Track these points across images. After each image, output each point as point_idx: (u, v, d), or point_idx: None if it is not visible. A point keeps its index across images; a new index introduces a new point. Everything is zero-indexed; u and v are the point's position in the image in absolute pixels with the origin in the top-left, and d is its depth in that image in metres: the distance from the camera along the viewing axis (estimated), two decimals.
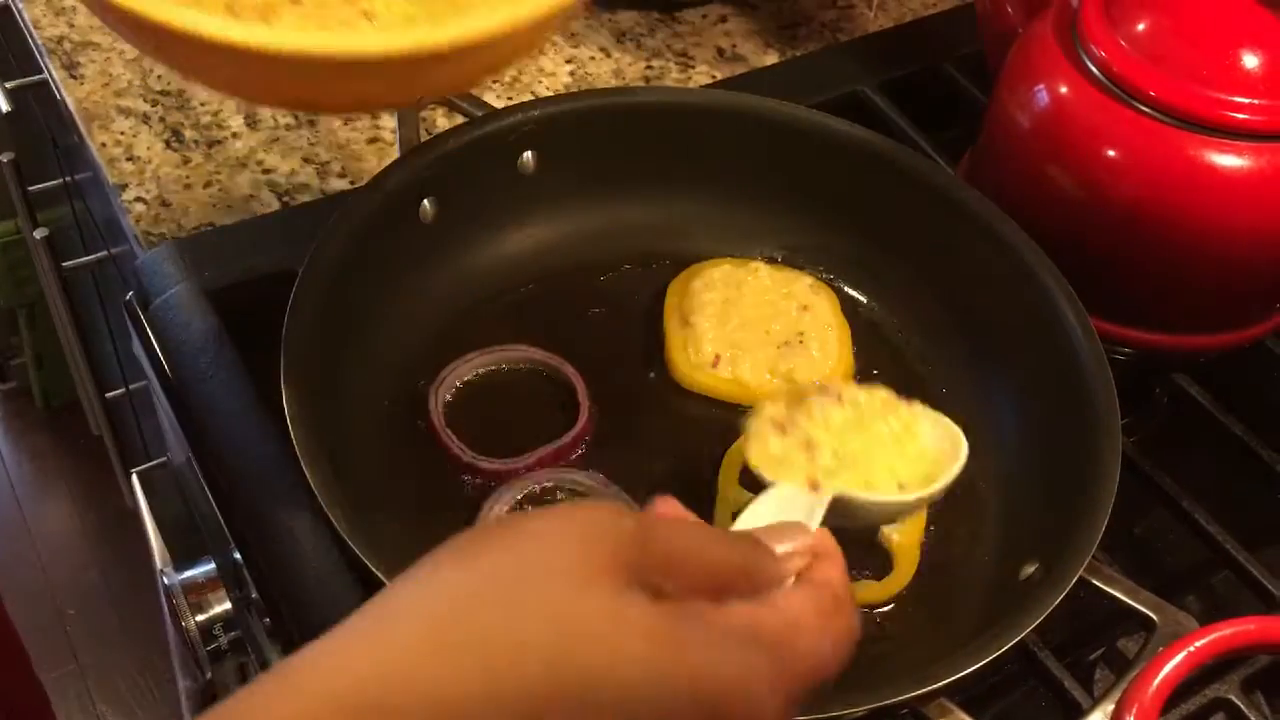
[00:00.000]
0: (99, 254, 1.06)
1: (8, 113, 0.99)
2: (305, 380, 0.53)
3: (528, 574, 0.33)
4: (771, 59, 0.85)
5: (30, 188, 1.15)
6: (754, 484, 0.47)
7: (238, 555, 0.59)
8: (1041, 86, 0.63)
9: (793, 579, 0.38)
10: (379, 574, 0.47)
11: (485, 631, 0.31)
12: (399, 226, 0.62)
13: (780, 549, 0.39)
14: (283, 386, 0.52)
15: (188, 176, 0.73)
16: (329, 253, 0.58)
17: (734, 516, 0.45)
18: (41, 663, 1.01)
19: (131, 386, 1.23)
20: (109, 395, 1.29)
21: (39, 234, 1.10)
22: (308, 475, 0.50)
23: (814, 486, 0.46)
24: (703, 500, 0.58)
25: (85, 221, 1.10)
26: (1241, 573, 0.58)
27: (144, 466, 0.78)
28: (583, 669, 0.31)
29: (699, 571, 0.35)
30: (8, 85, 0.98)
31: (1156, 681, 0.44)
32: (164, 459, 0.84)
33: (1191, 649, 0.45)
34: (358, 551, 0.48)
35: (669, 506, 0.40)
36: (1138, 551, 0.64)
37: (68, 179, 1.10)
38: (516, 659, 0.31)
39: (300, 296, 0.55)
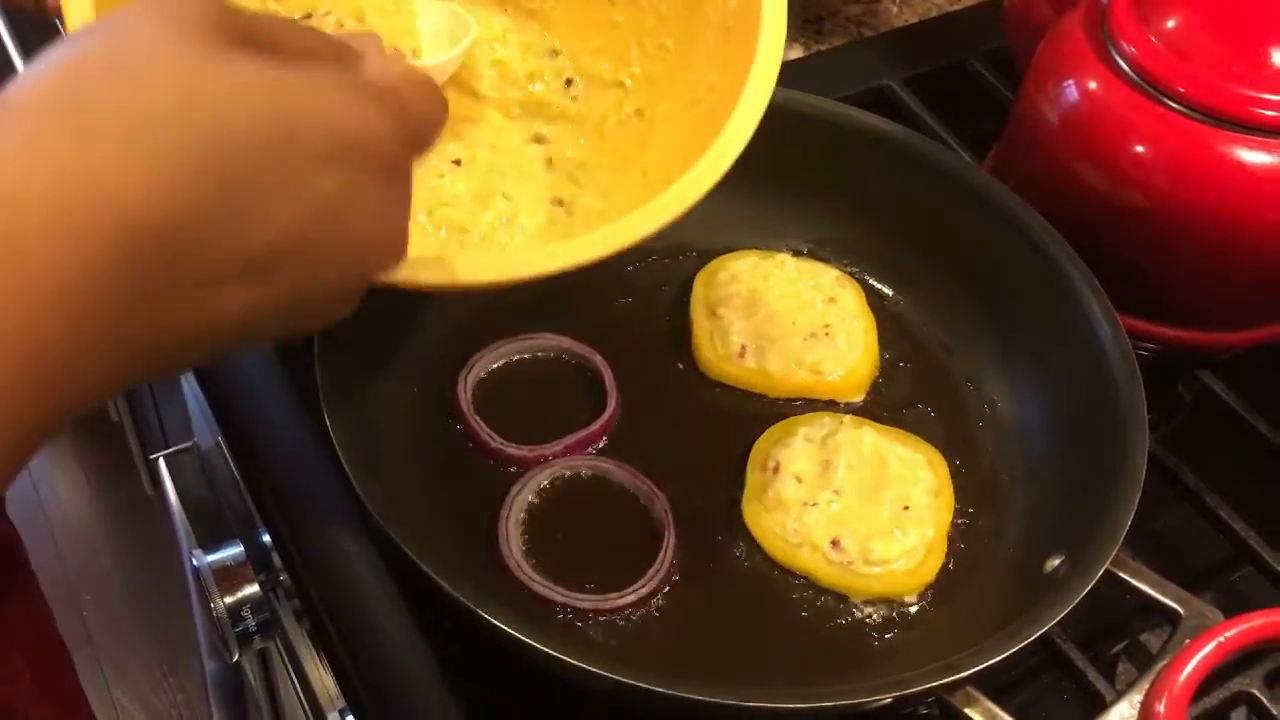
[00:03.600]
0: None
1: None
2: (338, 366, 0.54)
3: (138, 50, 0.32)
4: (796, 53, 0.85)
5: None
6: None
7: (266, 538, 0.60)
8: (1070, 82, 0.63)
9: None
10: (411, 556, 0.48)
11: (117, 104, 0.31)
12: None
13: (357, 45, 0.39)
14: (317, 370, 0.53)
15: None
16: None
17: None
18: None
19: None
20: None
21: None
22: (341, 458, 0.50)
23: None
24: (729, 489, 0.59)
25: None
26: (1264, 568, 0.58)
27: (169, 451, 0.79)
28: (218, 123, 0.32)
29: (288, 40, 0.36)
30: None
31: (1187, 671, 0.45)
32: (188, 444, 0.85)
33: (1221, 639, 0.45)
34: (390, 533, 0.48)
35: None
36: (1159, 547, 0.64)
37: None
38: (151, 125, 0.31)
39: None
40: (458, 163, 0.50)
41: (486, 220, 0.50)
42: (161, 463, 0.77)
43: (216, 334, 0.34)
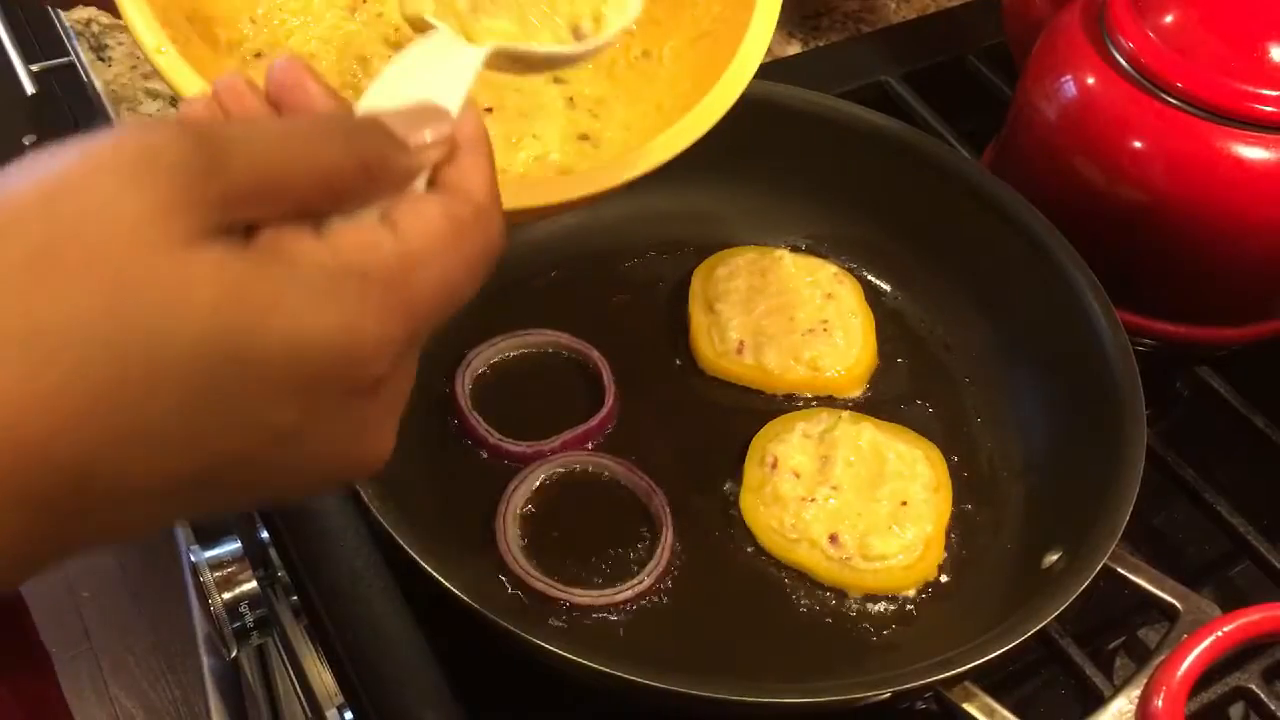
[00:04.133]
0: None
1: (32, 95, 1.00)
2: None
3: (72, 238, 0.26)
4: (795, 49, 0.85)
5: None
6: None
7: (265, 534, 0.60)
8: (1068, 77, 0.63)
9: (424, 178, 0.32)
10: (409, 551, 0.48)
11: (28, 317, 0.26)
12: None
13: (412, 139, 0.32)
14: None
15: None
16: None
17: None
18: (55, 644, 1.02)
19: None
20: None
21: None
22: None
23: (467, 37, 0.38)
24: (727, 485, 0.59)
25: None
26: (1262, 563, 0.58)
27: None
28: (146, 342, 0.26)
29: (298, 186, 0.29)
30: (33, 68, 0.99)
31: (1185, 666, 0.45)
32: None
33: (1220, 633, 0.45)
34: (388, 529, 0.48)
35: (286, 72, 0.32)
36: (1157, 542, 0.64)
37: None
38: (65, 345, 0.26)
39: None
40: (489, 109, 0.51)
41: (520, 160, 0.52)
42: None
43: (150, 528, 0.29)
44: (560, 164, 0.52)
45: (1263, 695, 0.51)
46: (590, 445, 0.59)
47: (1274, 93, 0.58)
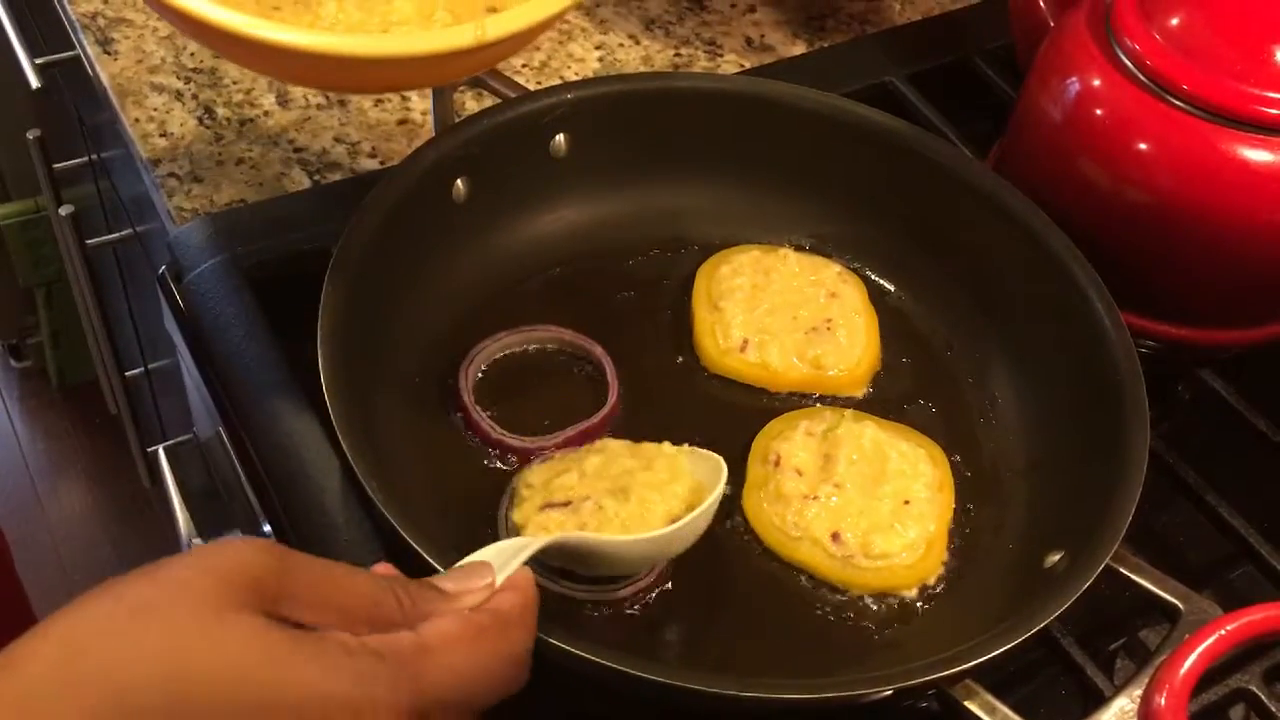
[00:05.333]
0: (123, 232, 1.07)
1: (36, 89, 1.00)
2: (340, 356, 0.54)
3: (158, 603, 0.34)
4: (800, 49, 0.86)
5: (55, 165, 1.16)
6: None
7: (268, 528, 0.60)
8: (1074, 79, 0.63)
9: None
10: (413, 544, 0.48)
11: (106, 665, 0.32)
12: (432, 206, 0.62)
13: (453, 587, 0.41)
14: (319, 361, 0.53)
15: (220, 153, 0.74)
16: (364, 230, 0.58)
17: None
18: None
19: (151, 366, 1.24)
20: (128, 374, 1.29)
21: (64, 211, 1.11)
22: (344, 446, 0.50)
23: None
24: (730, 483, 0.59)
25: (110, 200, 1.10)
26: (1264, 566, 0.58)
27: (168, 443, 0.78)
28: (196, 690, 0.32)
29: (343, 603, 0.37)
30: (38, 62, 0.99)
31: (1187, 665, 0.45)
32: (187, 436, 0.85)
33: (1222, 632, 0.45)
34: (393, 521, 0.48)
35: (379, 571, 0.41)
36: (1159, 544, 0.64)
37: (93, 157, 1.11)
38: (131, 690, 0.32)
39: (336, 272, 0.56)
40: None
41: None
42: (161, 454, 0.77)
43: None
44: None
45: (1263, 696, 0.51)
46: (593, 441, 0.59)
47: (1278, 95, 0.58)
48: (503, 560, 0.43)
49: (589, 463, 0.55)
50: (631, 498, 0.52)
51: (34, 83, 0.99)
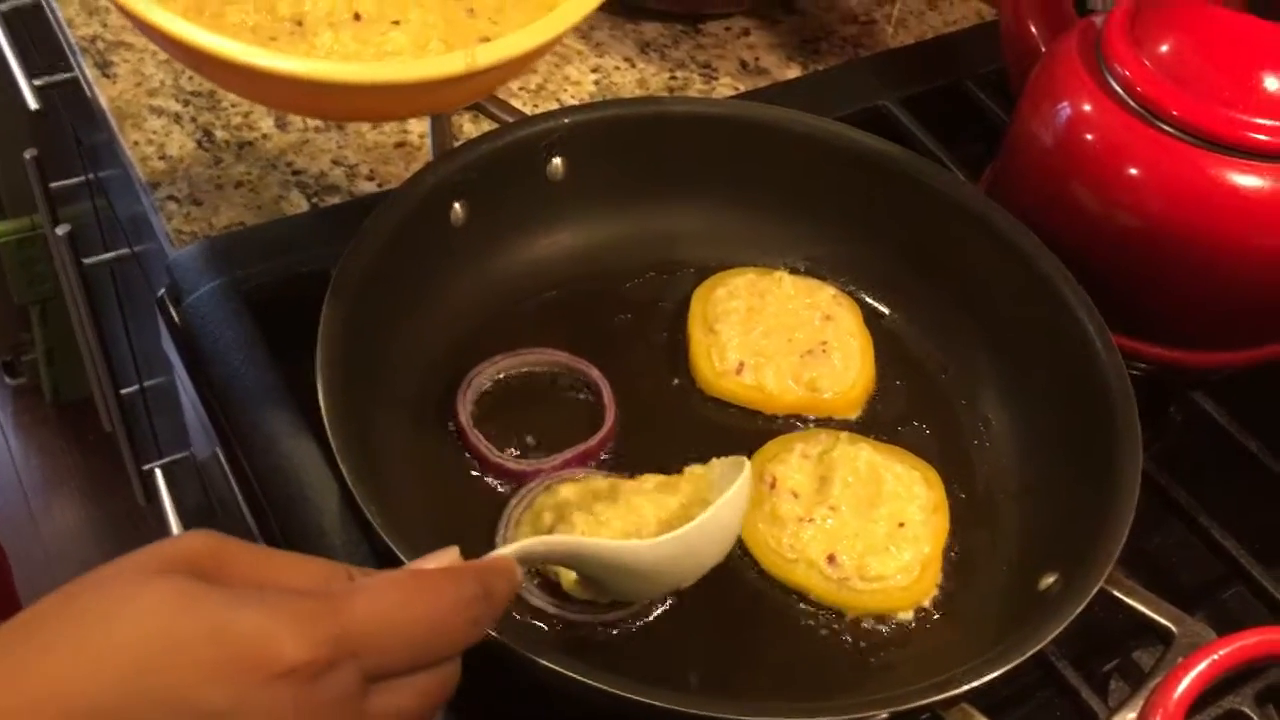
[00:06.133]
0: (120, 251, 1.07)
1: (35, 110, 1.00)
2: (338, 379, 0.54)
3: (97, 580, 0.35)
4: (794, 72, 0.86)
5: (52, 184, 1.16)
6: None
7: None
8: (1065, 104, 0.64)
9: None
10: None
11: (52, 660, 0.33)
12: (430, 229, 0.63)
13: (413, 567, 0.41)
14: (318, 383, 0.53)
15: (219, 176, 0.74)
16: (363, 253, 0.59)
17: None
18: None
19: (146, 384, 1.24)
20: (123, 392, 1.29)
21: (61, 230, 1.11)
22: (342, 468, 0.51)
23: None
24: None
25: (107, 219, 1.11)
26: (1256, 587, 0.59)
27: (164, 461, 0.79)
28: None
29: (277, 583, 0.37)
30: (36, 83, 0.99)
31: (1181, 688, 0.45)
32: (183, 454, 0.85)
33: (1216, 657, 0.46)
34: (391, 544, 0.48)
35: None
36: (1151, 565, 0.65)
37: (90, 176, 1.11)
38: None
39: (335, 295, 0.56)
40: (396, 22, 0.56)
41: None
42: (157, 473, 0.77)
43: None
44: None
45: (1256, 718, 0.52)
46: (591, 464, 0.60)
47: (1268, 121, 0.59)
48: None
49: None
50: (619, 501, 0.53)
51: (32, 104, 1.00)
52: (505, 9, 0.58)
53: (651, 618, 0.55)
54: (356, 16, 0.55)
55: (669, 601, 0.55)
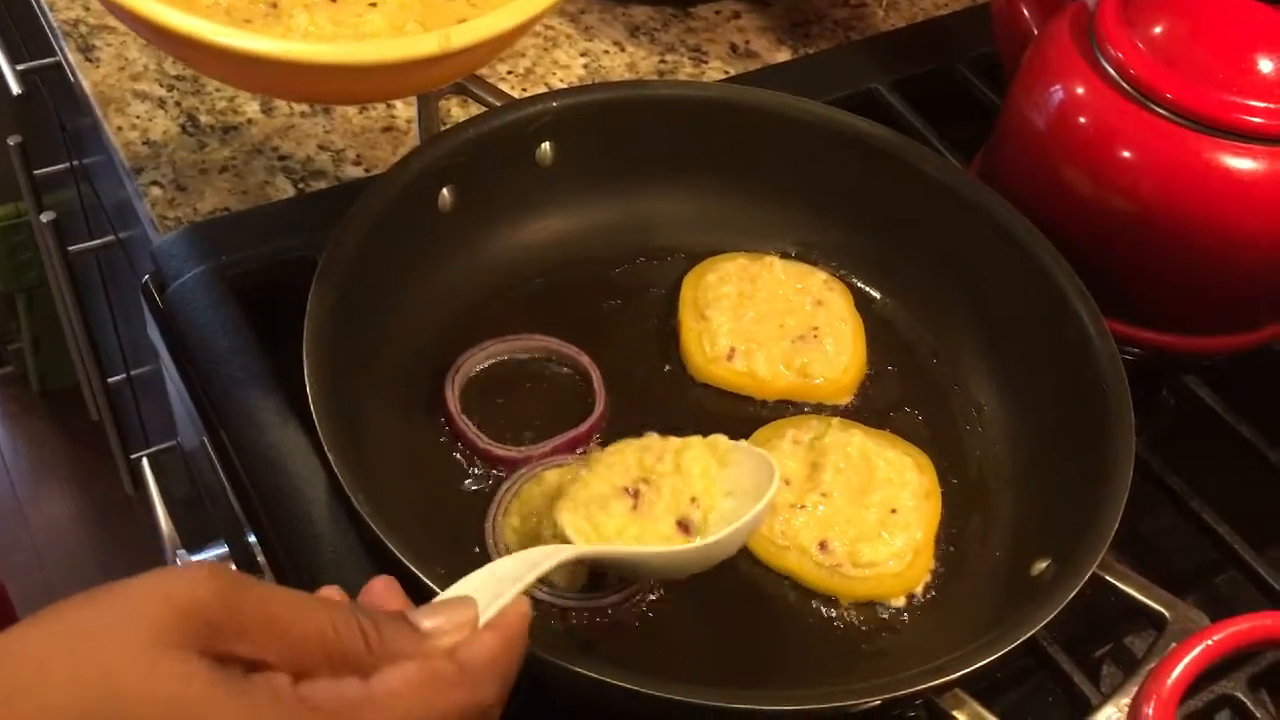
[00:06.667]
0: (105, 238, 1.06)
1: (17, 95, 0.99)
2: (325, 366, 0.54)
3: (99, 631, 0.33)
4: (784, 56, 0.86)
5: (36, 171, 1.15)
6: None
7: (252, 538, 0.59)
8: (1058, 87, 0.63)
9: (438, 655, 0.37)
10: (398, 555, 0.48)
11: (39, 693, 0.32)
12: (418, 214, 0.62)
13: (429, 624, 0.38)
14: (305, 370, 0.53)
15: (203, 161, 0.74)
16: (349, 238, 0.58)
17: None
18: None
19: (133, 372, 1.23)
20: (110, 380, 1.29)
21: (45, 217, 1.10)
22: (330, 456, 0.50)
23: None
24: None
25: (92, 206, 1.10)
26: (1248, 571, 0.59)
27: (152, 450, 0.78)
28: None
29: (294, 637, 0.35)
30: (19, 68, 0.98)
31: (1175, 674, 0.45)
32: (170, 443, 0.84)
33: (1209, 642, 0.46)
34: (379, 533, 0.48)
35: (380, 587, 0.40)
36: (1143, 550, 0.65)
37: (75, 163, 1.10)
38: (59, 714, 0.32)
39: (321, 281, 0.56)
40: (373, 4, 0.55)
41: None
42: (144, 462, 0.77)
43: None
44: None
45: (1249, 703, 0.52)
46: (581, 450, 0.59)
47: (1261, 104, 0.58)
48: (497, 589, 0.40)
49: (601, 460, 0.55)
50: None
51: (15, 89, 0.98)
52: None
53: (643, 606, 0.54)
54: None
55: (660, 590, 0.55)
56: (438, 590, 0.46)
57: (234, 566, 0.64)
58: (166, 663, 0.32)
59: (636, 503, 0.51)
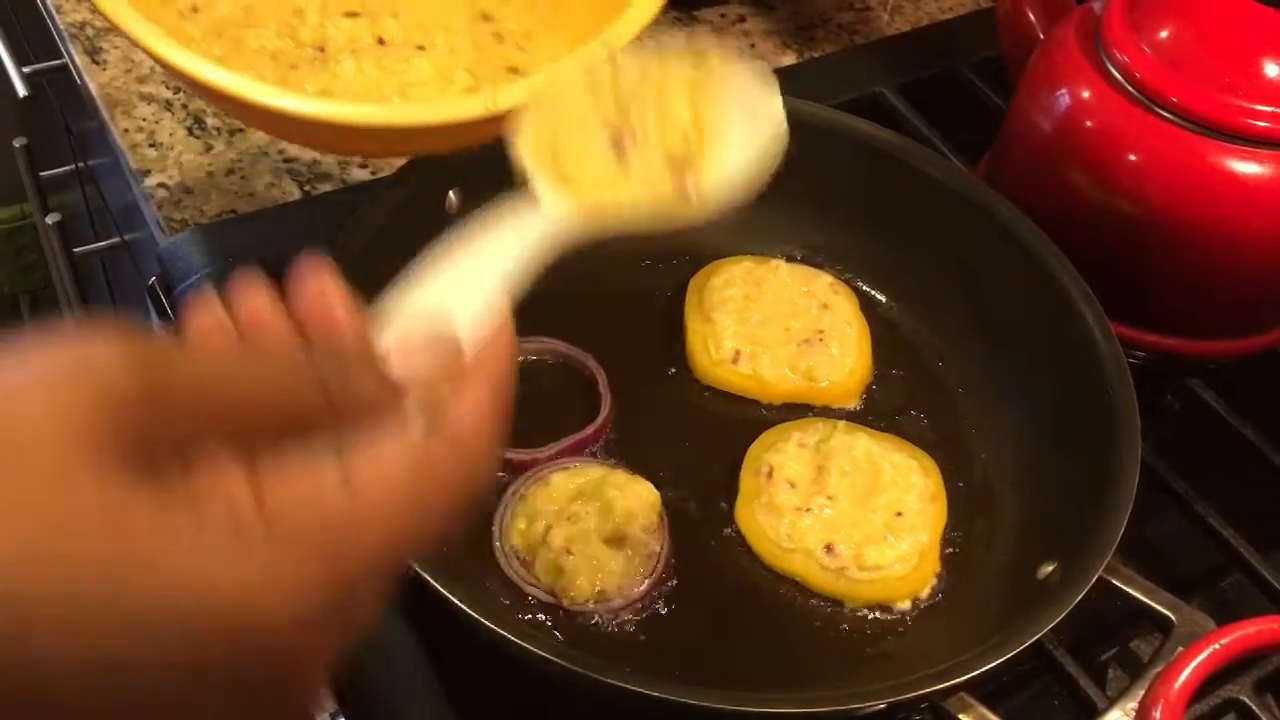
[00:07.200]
0: (111, 240, 1.06)
1: (23, 97, 0.99)
2: None
3: None
4: (789, 59, 0.86)
5: (42, 173, 1.15)
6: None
7: None
8: (1064, 91, 0.63)
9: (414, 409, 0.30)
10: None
11: None
12: (425, 217, 0.62)
13: (403, 371, 0.31)
14: None
15: (210, 164, 0.74)
16: (356, 241, 0.58)
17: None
18: None
19: None
20: None
21: (51, 219, 1.10)
22: None
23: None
24: (723, 494, 0.59)
25: (97, 208, 1.10)
26: (1254, 575, 0.59)
27: None
28: (26, 578, 0.24)
29: (238, 415, 0.28)
30: (25, 70, 0.98)
31: (1182, 678, 0.45)
32: None
33: (1216, 646, 0.46)
34: None
35: (248, 299, 0.31)
36: (1148, 553, 0.64)
37: (80, 164, 1.10)
38: None
39: None
40: (421, 48, 0.54)
41: (454, 93, 0.53)
42: None
43: None
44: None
45: (1254, 707, 0.52)
46: (587, 453, 0.59)
47: (1268, 108, 0.58)
48: (467, 301, 0.33)
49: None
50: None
51: (21, 91, 0.99)
52: (534, 35, 0.57)
53: (650, 609, 0.54)
54: (380, 41, 0.55)
55: (668, 591, 0.55)
56: (450, 597, 0.46)
57: None
58: (82, 489, 0.25)
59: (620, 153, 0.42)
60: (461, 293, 0.34)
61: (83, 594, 0.24)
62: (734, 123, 0.42)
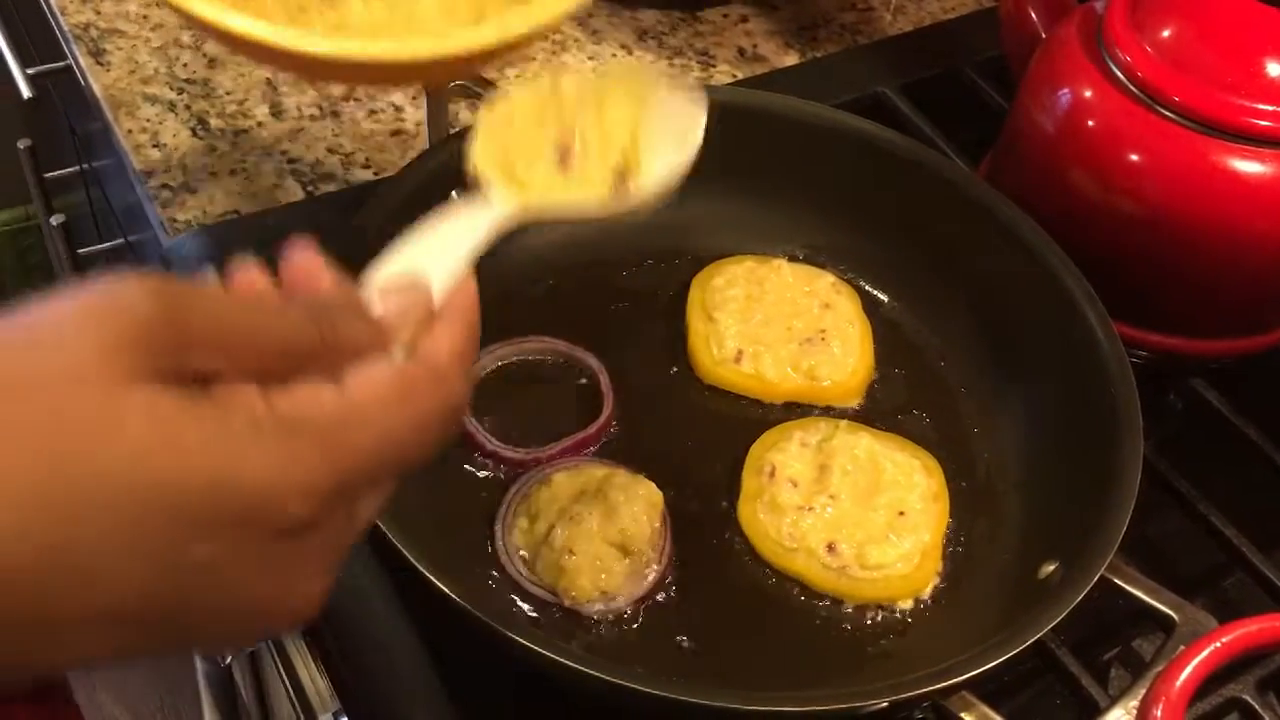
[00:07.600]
0: (115, 241, 1.07)
1: (28, 99, 1.00)
2: None
3: (35, 381, 0.29)
4: (792, 59, 0.86)
5: (46, 174, 1.16)
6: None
7: None
8: (1066, 90, 0.63)
9: (397, 346, 0.35)
10: (407, 555, 0.48)
11: None
12: (428, 217, 0.62)
13: (384, 311, 0.36)
14: None
15: (213, 164, 0.74)
16: (360, 241, 0.58)
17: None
18: None
19: None
20: None
21: (55, 220, 1.10)
22: None
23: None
24: (725, 493, 0.59)
25: (101, 209, 1.10)
26: (1256, 574, 0.59)
27: None
28: (71, 476, 0.28)
29: (253, 346, 0.32)
30: (29, 72, 0.99)
31: (1183, 677, 0.45)
32: None
33: (1218, 644, 0.45)
34: (385, 532, 0.48)
35: (244, 275, 0.36)
36: (1151, 553, 0.64)
37: (85, 166, 1.10)
38: (11, 489, 0.28)
39: None
40: None
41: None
42: None
43: (85, 661, 0.30)
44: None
45: (1257, 706, 0.52)
46: (588, 452, 0.60)
47: (1270, 107, 0.58)
48: (438, 261, 0.38)
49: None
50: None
51: (25, 92, 0.99)
52: None
53: (652, 608, 0.54)
54: None
55: (670, 590, 0.55)
56: (452, 596, 0.47)
57: None
58: (126, 402, 0.29)
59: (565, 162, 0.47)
60: (427, 262, 0.39)
61: (130, 480, 0.28)
62: (663, 138, 0.49)
